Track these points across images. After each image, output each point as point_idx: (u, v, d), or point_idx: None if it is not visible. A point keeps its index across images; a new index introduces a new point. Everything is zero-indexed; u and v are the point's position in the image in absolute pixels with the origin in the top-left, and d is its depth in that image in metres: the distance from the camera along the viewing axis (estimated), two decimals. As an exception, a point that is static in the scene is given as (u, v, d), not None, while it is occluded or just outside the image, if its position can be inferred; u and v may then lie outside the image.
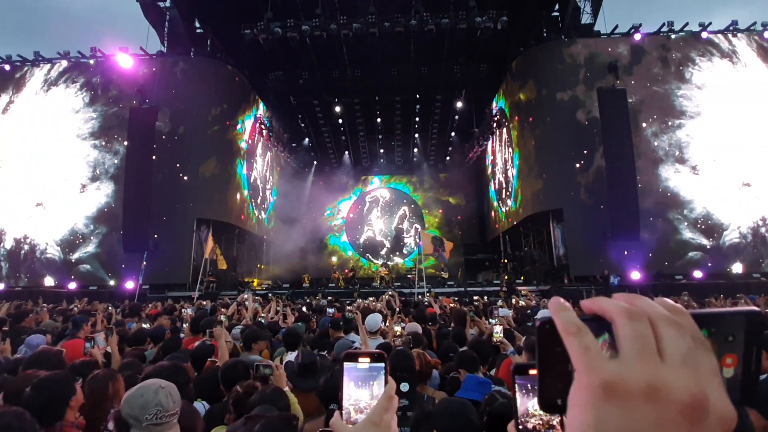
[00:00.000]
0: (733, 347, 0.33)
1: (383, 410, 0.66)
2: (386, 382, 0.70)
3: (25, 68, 18.74)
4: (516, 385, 0.80)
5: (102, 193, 17.28)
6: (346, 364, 0.72)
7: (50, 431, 1.86)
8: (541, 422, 0.79)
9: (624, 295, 0.35)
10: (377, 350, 0.74)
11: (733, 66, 17.45)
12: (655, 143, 16.54)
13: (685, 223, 16.26)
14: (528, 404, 0.79)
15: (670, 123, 16.77)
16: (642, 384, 0.29)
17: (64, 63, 18.35)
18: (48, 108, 18.34)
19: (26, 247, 17.40)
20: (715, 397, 0.29)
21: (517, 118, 18.49)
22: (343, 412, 0.70)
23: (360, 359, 0.72)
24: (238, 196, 18.56)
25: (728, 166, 16.34)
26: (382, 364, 0.72)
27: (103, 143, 17.68)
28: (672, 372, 0.29)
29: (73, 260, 16.86)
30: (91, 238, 17.02)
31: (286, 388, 2.53)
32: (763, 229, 16.34)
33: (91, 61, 18.31)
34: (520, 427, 0.78)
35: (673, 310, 0.33)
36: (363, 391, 0.71)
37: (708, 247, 16.00)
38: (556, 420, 0.79)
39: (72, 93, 18.46)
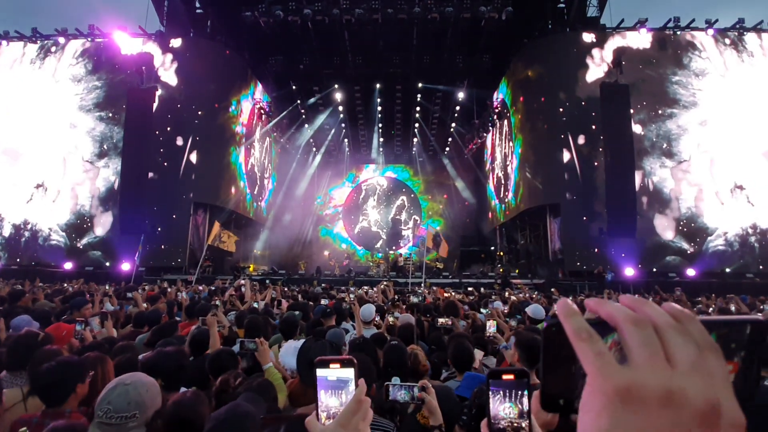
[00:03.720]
0: (734, 355, 0.34)
1: (351, 413, 0.70)
2: (356, 386, 0.74)
3: (21, 42, 18.24)
4: (490, 390, 0.85)
5: (111, 171, 16.12)
6: (318, 371, 0.75)
7: (58, 413, 1.91)
8: (510, 425, 0.84)
9: (629, 298, 0.35)
10: (347, 356, 0.77)
11: (738, 55, 16.34)
12: (641, 132, 15.53)
13: (666, 224, 15.26)
14: (500, 408, 0.84)
15: (660, 111, 15.83)
16: (658, 389, 0.29)
17: (62, 40, 17.99)
18: (45, 77, 17.23)
19: (27, 233, 16.25)
20: (728, 403, 0.30)
21: (522, 98, 17.96)
22: (319, 416, 0.74)
23: (331, 365, 0.75)
24: (233, 188, 18.12)
25: (721, 165, 15.36)
26: (351, 370, 0.75)
27: (110, 114, 16.53)
28: (685, 378, 0.30)
29: (80, 246, 15.85)
30: (101, 221, 15.90)
31: (270, 364, 2.56)
32: (752, 238, 15.20)
33: (88, 41, 17.96)
34: (492, 430, 0.83)
35: (680, 317, 0.33)
36: (333, 398, 0.74)
37: (689, 252, 15.07)
38: (524, 423, 0.84)
39: (72, 60, 17.31)
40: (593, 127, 15.64)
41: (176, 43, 17.24)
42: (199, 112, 16.73)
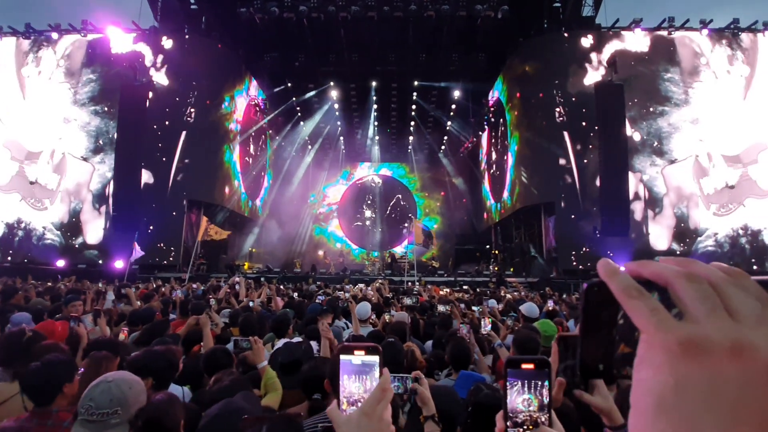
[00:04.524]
0: None
1: (376, 402, 0.68)
2: (381, 374, 0.72)
3: (14, 38, 18.00)
4: (507, 381, 0.81)
5: (107, 167, 15.74)
6: (342, 357, 0.74)
7: (46, 413, 1.90)
8: (529, 418, 0.81)
9: (673, 258, 0.34)
10: (373, 343, 0.76)
11: (732, 52, 16.16)
12: (632, 129, 15.34)
13: (654, 224, 15.14)
14: (518, 400, 0.81)
15: (651, 109, 15.67)
16: (725, 342, 0.28)
17: (55, 35, 17.72)
18: (38, 71, 16.91)
19: (20, 233, 15.87)
20: None
21: (517, 97, 17.91)
22: (340, 403, 0.72)
23: (355, 352, 0.74)
24: (228, 186, 17.93)
25: (712, 164, 15.25)
26: (376, 357, 0.74)
27: (106, 108, 16.18)
28: (753, 331, 0.28)
29: (76, 245, 15.59)
30: (96, 219, 15.62)
31: (265, 362, 2.56)
32: (743, 239, 15.07)
33: (82, 35, 17.71)
34: (509, 423, 0.80)
35: (732, 273, 0.32)
36: (356, 384, 0.73)
37: (678, 253, 14.80)
38: (544, 416, 0.81)
39: (65, 53, 16.99)
40: (584, 123, 15.67)
41: (170, 38, 17.06)
42: (193, 109, 16.58)
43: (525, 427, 0.80)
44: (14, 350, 2.55)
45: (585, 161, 15.67)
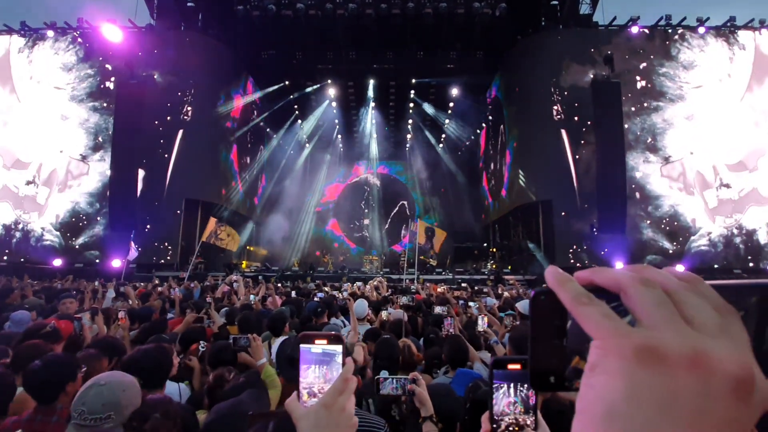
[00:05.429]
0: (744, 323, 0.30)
1: (337, 393, 0.65)
2: (343, 364, 0.69)
3: (8, 36, 17.85)
4: (494, 382, 0.79)
5: (107, 164, 15.46)
6: (302, 347, 0.71)
7: (50, 410, 1.91)
8: (514, 421, 0.79)
9: (627, 266, 0.33)
10: (334, 332, 0.73)
11: (729, 48, 16.00)
12: (625, 125, 14.88)
13: (648, 222, 14.93)
14: (503, 402, 0.79)
15: (646, 104, 15.50)
16: (684, 350, 0.26)
17: (51, 33, 17.59)
18: (34, 68, 16.63)
19: (18, 234, 15.63)
20: (759, 374, 0.26)
21: (514, 95, 17.90)
22: (300, 394, 0.69)
23: (316, 341, 0.71)
24: (225, 184, 17.89)
25: (707, 162, 15.13)
26: (339, 347, 0.71)
27: (105, 104, 15.88)
28: (713, 341, 0.26)
29: (77, 246, 15.36)
30: (98, 218, 15.33)
31: (264, 360, 2.56)
32: (738, 239, 14.85)
33: (77, 33, 17.60)
34: (494, 425, 0.78)
35: (687, 278, 0.31)
36: (316, 374, 0.70)
37: (670, 251, 14.73)
38: (530, 419, 0.79)
39: (63, 47, 16.74)
40: (576, 119, 15.67)
41: (166, 36, 16.97)
42: (189, 107, 16.53)
43: (510, 429, 0.79)
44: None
45: (582, 159, 15.67)
